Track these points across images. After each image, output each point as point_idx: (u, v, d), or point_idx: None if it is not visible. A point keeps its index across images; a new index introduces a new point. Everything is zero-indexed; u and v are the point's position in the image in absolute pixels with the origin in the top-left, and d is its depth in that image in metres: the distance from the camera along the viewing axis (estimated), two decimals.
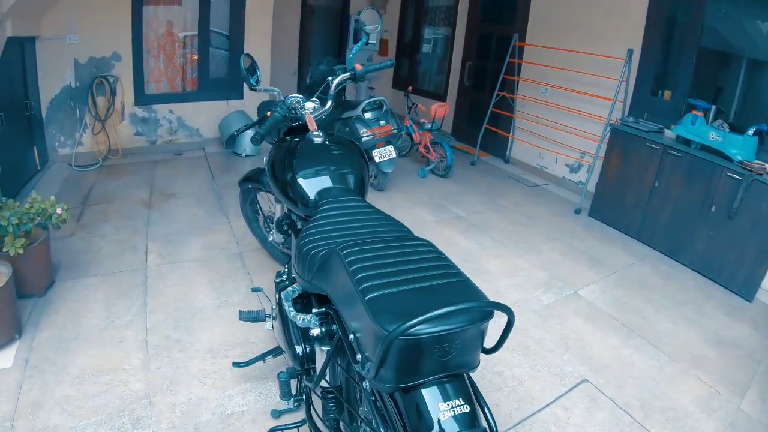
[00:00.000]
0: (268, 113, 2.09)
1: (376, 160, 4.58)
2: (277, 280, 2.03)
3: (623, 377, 2.70)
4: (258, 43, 5.14)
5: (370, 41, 5.58)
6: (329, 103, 2.25)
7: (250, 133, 5.02)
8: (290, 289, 1.62)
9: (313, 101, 2.18)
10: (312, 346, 1.60)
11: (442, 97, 7.02)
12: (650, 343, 2.98)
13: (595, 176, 4.97)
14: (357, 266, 1.12)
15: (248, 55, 2.16)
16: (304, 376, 1.75)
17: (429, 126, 5.29)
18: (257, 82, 2.09)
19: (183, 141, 5.10)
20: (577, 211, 4.98)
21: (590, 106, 4.97)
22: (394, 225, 1.56)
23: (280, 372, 1.88)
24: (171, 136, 5.02)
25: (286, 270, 2.08)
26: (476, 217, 4.52)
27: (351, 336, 1.11)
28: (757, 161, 3.70)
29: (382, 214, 1.63)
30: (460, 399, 1.01)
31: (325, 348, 1.42)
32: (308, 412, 1.65)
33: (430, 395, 1.00)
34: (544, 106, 5.50)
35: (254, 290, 2.43)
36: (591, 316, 3.25)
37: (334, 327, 1.38)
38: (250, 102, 5.25)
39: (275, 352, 2.23)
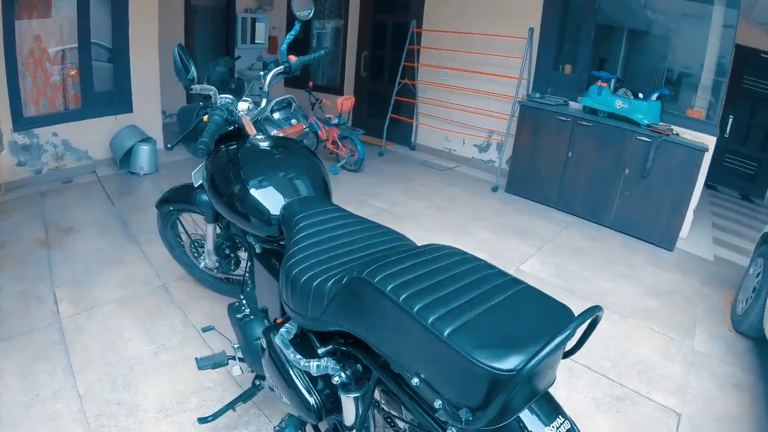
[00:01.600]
0: (205, 118, 1.79)
1: None
2: (239, 315, 1.71)
3: (588, 342, 2.75)
4: (145, 51, 4.63)
5: (292, 34, 5.30)
6: (264, 102, 2.00)
7: (146, 149, 4.51)
8: (283, 330, 1.32)
9: (245, 101, 1.91)
10: (325, 393, 1.31)
11: (338, 91, 6.84)
12: (599, 304, 3.08)
13: (507, 153, 5.12)
14: (405, 295, 0.94)
15: (180, 46, 1.85)
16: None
17: (336, 121, 5.12)
18: (193, 80, 1.78)
19: (72, 166, 4.41)
20: (494, 189, 5.09)
21: (497, 85, 5.11)
22: (387, 231, 1.43)
23: (284, 428, 1.56)
24: (57, 162, 4.32)
25: (244, 302, 1.78)
26: (400, 209, 4.43)
27: (415, 380, 0.92)
28: (662, 123, 4.02)
29: (367, 220, 1.48)
30: (560, 417, 0.92)
31: (353, 395, 1.20)
32: None
33: (532, 423, 0.89)
34: (448, 90, 5.57)
35: (205, 330, 2.01)
36: (540, 289, 3.29)
37: (358, 366, 1.19)
38: (141, 115, 4.72)
39: (245, 396, 1.90)
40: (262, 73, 2.00)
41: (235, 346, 1.78)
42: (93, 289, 2.77)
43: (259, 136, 1.79)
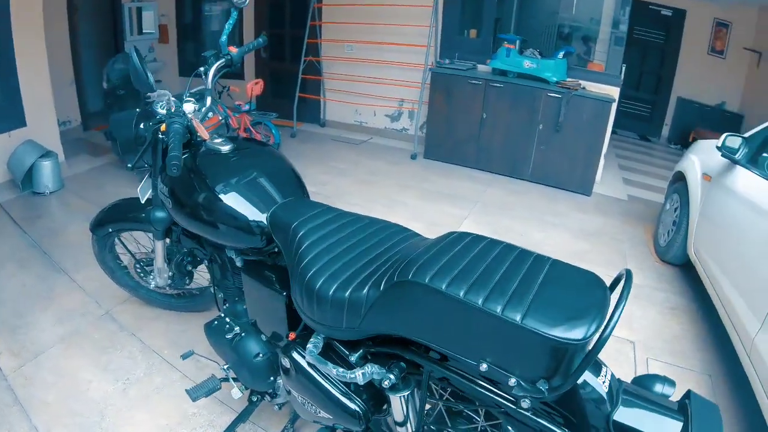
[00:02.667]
0: (162, 127, 1.56)
1: None
2: (228, 335, 1.56)
3: None
4: (33, 58, 4.00)
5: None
6: (209, 100, 1.74)
7: (47, 165, 3.93)
8: (311, 346, 1.25)
9: (188, 101, 1.68)
10: (364, 397, 1.27)
11: (239, 75, 6.49)
12: (536, 252, 3.22)
13: (420, 120, 5.16)
14: (464, 290, 0.96)
15: (135, 48, 1.59)
16: None
17: (246, 107, 4.84)
18: (152, 86, 1.53)
19: None
20: (413, 157, 5.11)
21: (405, 55, 5.08)
22: (388, 225, 1.41)
23: None
24: None
25: (226, 319, 1.62)
26: (328, 189, 4.30)
27: (483, 366, 0.96)
28: (570, 79, 4.22)
29: (361, 217, 1.45)
30: (603, 366, 1.00)
31: (403, 394, 1.18)
32: None
33: (589, 377, 0.97)
34: (355, 63, 5.47)
35: (185, 357, 1.78)
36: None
37: (402, 365, 1.17)
38: (36, 128, 4.10)
39: (244, 416, 1.74)
40: (202, 69, 1.75)
41: (225, 366, 1.63)
42: (30, 333, 2.34)
43: (217, 140, 1.59)
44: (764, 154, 2.40)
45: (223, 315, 1.65)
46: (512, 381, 0.94)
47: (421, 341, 1.04)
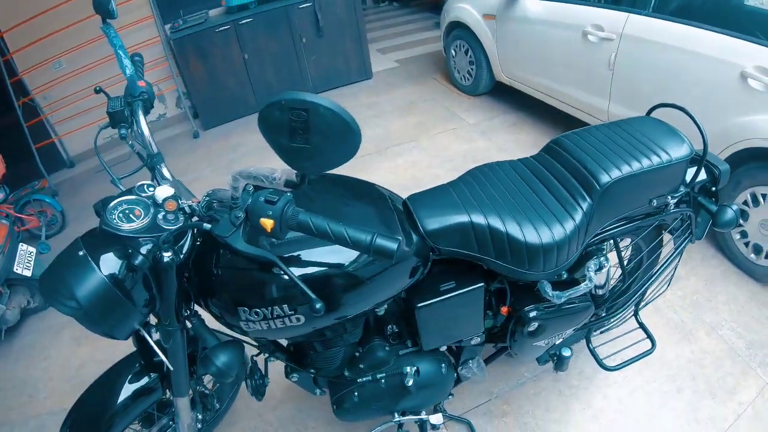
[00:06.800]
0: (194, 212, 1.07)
1: None
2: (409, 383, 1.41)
3: (419, 167, 3.45)
4: None
5: None
6: (166, 171, 1.37)
7: None
8: (548, 289, 1.32)
9: (166, 182, 1.26)
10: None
11: None
12: (391, 143, 3.79)
13: (174, 98, 4.79)
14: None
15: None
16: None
17: (1, 196, 3.65)
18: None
19: None
20: (196, 135, 4.71)
21: (131, 36, 4.35)
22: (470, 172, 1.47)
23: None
24: None
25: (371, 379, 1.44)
26: None
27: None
28: None
29: (466, 179, 1.44)
30: None
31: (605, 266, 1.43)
32: None
33: None
34: (75, 77, 4.46)
35: None
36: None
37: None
38: None
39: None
40: (120, 131, 1.38)
41: (396, 418, 1.56)
42: None
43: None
44: None
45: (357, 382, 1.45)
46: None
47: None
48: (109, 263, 0.98)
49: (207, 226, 0.97)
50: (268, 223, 0.84)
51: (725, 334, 2.06)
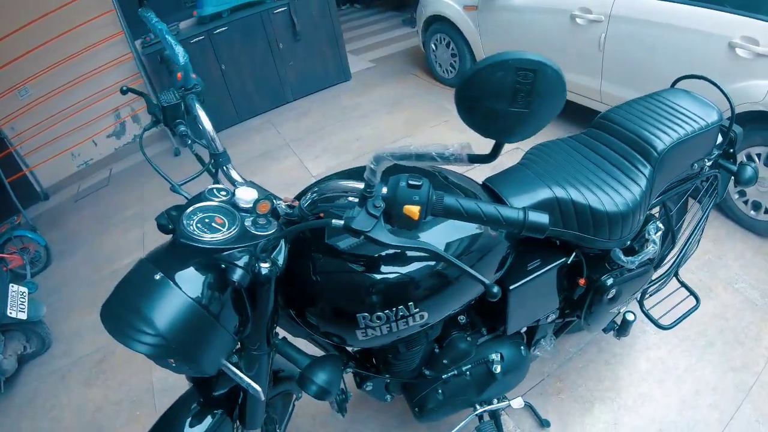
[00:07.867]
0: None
1: None
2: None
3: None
4: None
5: None
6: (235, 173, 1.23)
7: None
8: (621, 255, 1.39)
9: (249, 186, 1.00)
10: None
11: None
12: (384, 142, 3.79)
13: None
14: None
15: None
16: None
17: None
18: None
19: None
20: (176, 153, 4.53)
21: (100, 55, 4.19)
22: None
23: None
24: None
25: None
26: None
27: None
28: None
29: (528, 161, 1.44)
30: None
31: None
32: None
33: None
34: (41, 106, 4.23)
35: None
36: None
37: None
38: None
39: None
40: (179, 128, 1.23)
41: (477, 411, 1.57)
42: None
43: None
44: None
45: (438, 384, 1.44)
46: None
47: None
48: (191, 284, 0.83)
49: (339, 222, 0.80)
50: (414, 210, 0.76)
51: (741, 287, 2.21)
